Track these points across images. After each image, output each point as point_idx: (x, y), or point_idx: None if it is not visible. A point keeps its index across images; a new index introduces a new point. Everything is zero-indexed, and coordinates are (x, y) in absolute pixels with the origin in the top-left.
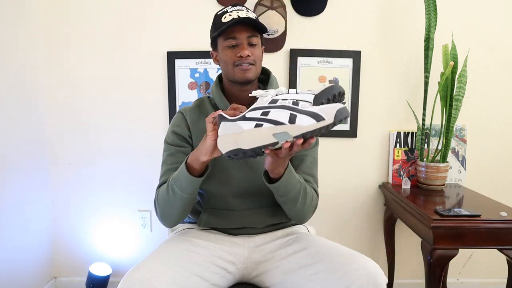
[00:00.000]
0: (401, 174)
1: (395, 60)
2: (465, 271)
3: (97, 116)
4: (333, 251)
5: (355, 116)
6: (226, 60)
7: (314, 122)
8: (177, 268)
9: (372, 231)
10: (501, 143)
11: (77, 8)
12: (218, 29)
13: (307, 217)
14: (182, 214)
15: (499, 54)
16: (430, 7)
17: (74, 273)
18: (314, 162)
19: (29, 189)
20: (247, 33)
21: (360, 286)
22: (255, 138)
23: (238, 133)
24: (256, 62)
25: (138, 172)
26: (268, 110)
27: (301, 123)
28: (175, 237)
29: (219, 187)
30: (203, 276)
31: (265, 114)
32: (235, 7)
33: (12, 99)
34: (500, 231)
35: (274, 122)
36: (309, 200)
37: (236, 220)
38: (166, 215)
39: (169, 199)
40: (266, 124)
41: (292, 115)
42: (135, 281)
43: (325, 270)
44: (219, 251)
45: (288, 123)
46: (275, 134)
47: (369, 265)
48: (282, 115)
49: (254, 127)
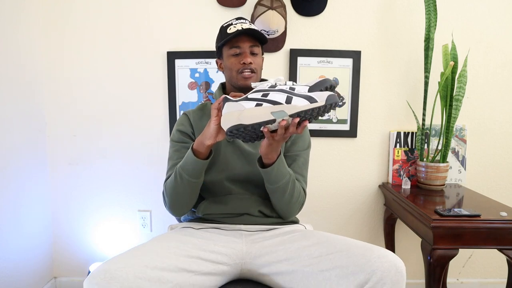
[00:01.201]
0: (401, 174)
1: (395, 60)
2: (465, 271)
3: (97, 116)
4: (349, 242)
5: (355, 116)
6: (231, 67)
7: (308, 103)
8: (150, 261)
9: (372, 231)
10: (501, 143)
11: (77, 8)
12: (223, 39)
13: (293, 212)
14: (190, 200)
15: (499, 54)
16: (430, 7)
17: (74, 273)
18: (305, 163)
19: (29, 189)
20: (250, 43)
21: (383, 272)
22: (255, 115)
23: (240, 110)
24: (257, 70)
25: (138, 172)
26: (268, 92)
27: (297, 103)
28: (164, 234)
29: (217, 174)
30: (185, 267)
31: (265, 96)
32: (239, 20)
33: (12, 99)
34: (500, 231)
35: (272, 102)
36: (296, 193)
37: (233, 204)
38: (175, 203)
39: (177, 186)
40: (266, 104)
41: (288, 97)
42: (100, 272)
43: (344, 260)
44: (211, 246)
45: (285, 103)
46: (273, 112)
47: (389, 254)
48: (280, 97)
49: (255, 106)
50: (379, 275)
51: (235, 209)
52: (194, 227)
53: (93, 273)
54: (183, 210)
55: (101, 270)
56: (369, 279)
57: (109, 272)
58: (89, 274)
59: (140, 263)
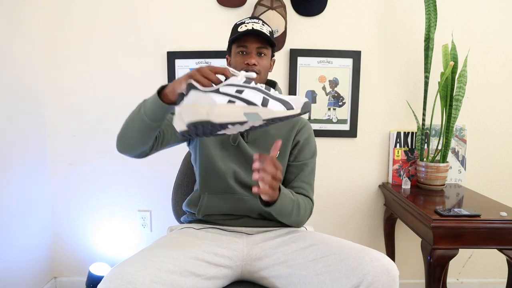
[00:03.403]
0: (401, 174)
1: (395, 60)
2: (465, 271)
3: (97, 116)
4: (343, 244)
5: (355, 116)
6: (236, 66)
7: (284, 109)
8: (161, 264)
9: (372, 231)
10: (501, 143)
11: (77, 8)
12: (233, 36)
13: (302, 223)
14: (136, 142)
15: (499, 54)
16: (430, 7)
17: (74, 273)
18: (311, 172)
19: (29, 189)
20: (257, 44)
21: (375, 276)
22: (227, 114)
23: (210, 105)
24: (261, 71)
25: (138, 172)
26: (243, 89)
27: (272, 107)
28: (168, 235)
29: (223, 163)
30: (193, 271)
31: (239, 92)
32: (252, 19)
33: (12, 99)
34: (500, 231)
35: (247, 101)
36: (302, 211)
37: (233, 204)
38: (122, 134)
39: (132, 118)
40: (239, 102)
41: (265, 99)
42: (116, 275)
43: (337, 263)
44: (214, 247)
45: (261, 106)
46: (246, 114)
47: (382, 257)
48: (255, 96)
49: (227, 102)
50: (370, 279)
51: (235, 209)
52: (195, 227)
53: (109, 277)
54: (125, 146)
55: (117, 273)
56: (361, 283)
57: (126, 276)
58: (104, 278)
59: (154, 266)
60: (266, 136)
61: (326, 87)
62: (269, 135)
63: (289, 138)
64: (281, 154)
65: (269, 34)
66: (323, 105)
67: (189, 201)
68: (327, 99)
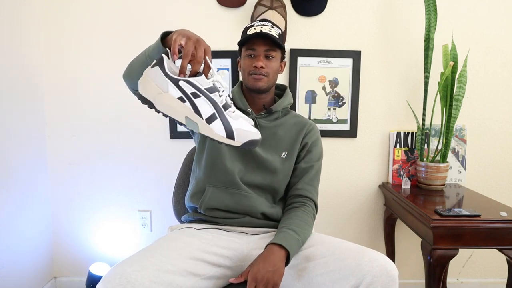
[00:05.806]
0: (401, 174)
1: (395, 60)
2: (465, 271)
3: (97, 116)
4: (342, 245)
5: (355, 116)
6: (244, 68)
7: (224, 136)
8: (161, 264)
9: (372, 231)
10: (501, 143)
11: (77, 8)
12: (242, 39)
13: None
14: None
15: (499, 54)
16: (430, 7)
17: (74, 273)
18: (317, 174)
19: (29, 189)
20: (265, 46)
21: (374, 277)
22: (170, 108)
23: (161, 91)
24: (269, 74)
25: (138, 172)
26: (200, 94)
27: (214, 128)
28: (168, 235)
29: (230, 160)
30: (193, 271)
31: (194, 96)
32: (262, 22)
33: (12, 99)
34: (500, 231)
35: (196, 109)
36: (308, 226)
37: (237, 199)
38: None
39: (140, 55)
40: (188, 105)
41: (213, 116)
42: (115, 275)
43: (336, 263)
44: (214, 248)
45: (205, 120)
46: (187, 118)
47: (381, 257)
48: (206, 109)
49: (177, 97)
50: (369, 280)
51: (238, 205)
52: (195, 227)
53: (108, 277)
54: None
55: (116, 273)
56: (360, 283)
57: (125, 276)
58: (103, 278)
59: (153, 266)
60: (274, 137)
61: (326, 87)
62: (277, 136)
63: (297, 140)
64: (288, 156)
65: (278, 36)
66: (323, 105)
67: (193, 193)
68: (327, 99)
